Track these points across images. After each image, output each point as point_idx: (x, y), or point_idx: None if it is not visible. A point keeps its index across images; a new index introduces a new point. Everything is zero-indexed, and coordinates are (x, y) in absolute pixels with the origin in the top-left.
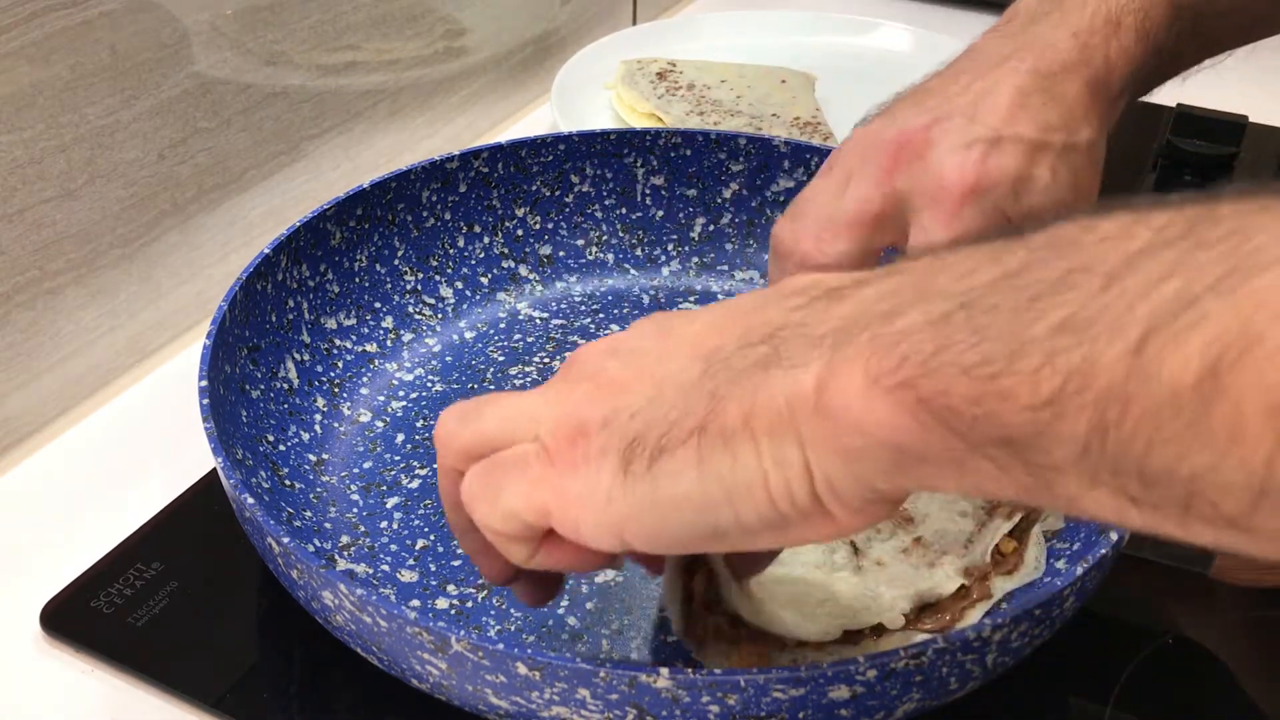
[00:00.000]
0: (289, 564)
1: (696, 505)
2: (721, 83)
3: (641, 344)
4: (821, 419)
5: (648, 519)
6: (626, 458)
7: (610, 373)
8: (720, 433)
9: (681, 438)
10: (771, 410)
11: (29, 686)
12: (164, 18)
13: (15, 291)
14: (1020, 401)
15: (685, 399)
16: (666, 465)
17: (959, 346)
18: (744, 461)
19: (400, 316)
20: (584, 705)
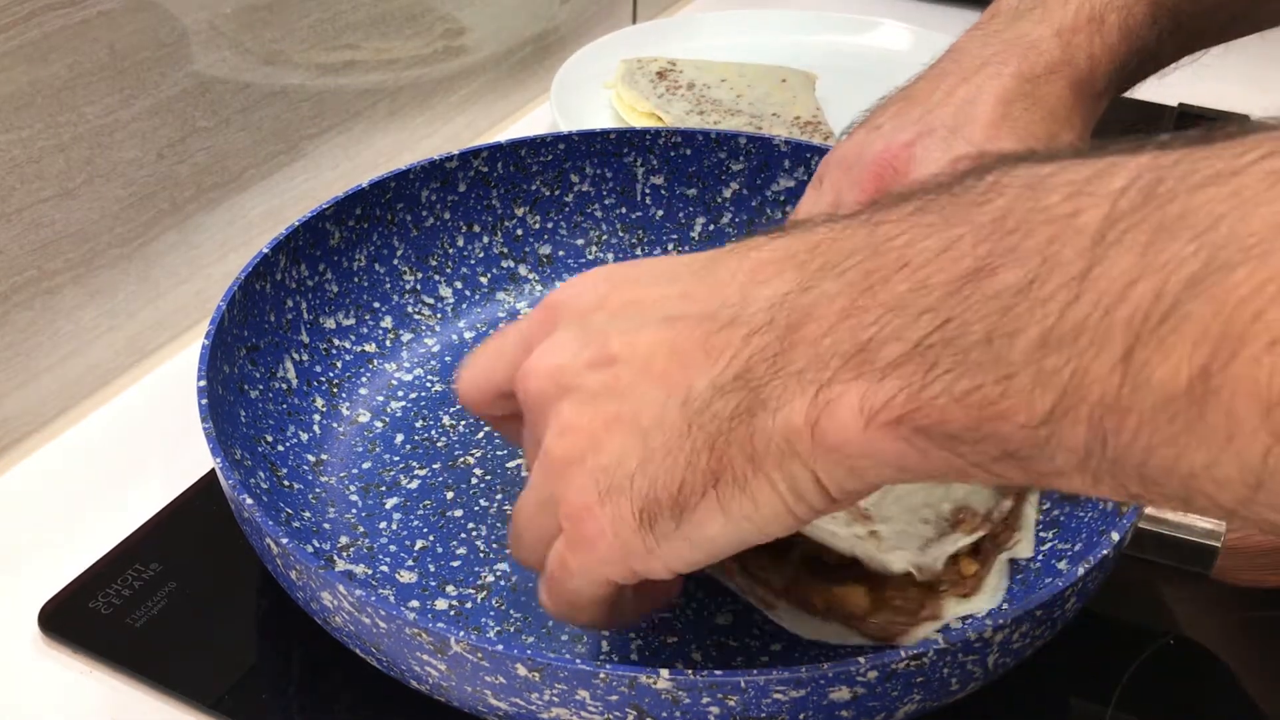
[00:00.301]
0: (288, 565)
1: (731, 540)
2: (721, 82)
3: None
4: (823, 450)
5: (688, 557)
6: (649, 518)
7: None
8: (733, 481)
9: (699, 492)
10: (773, 450)
11: (27, 687)
12: (162, 17)
13: (13, 291)
14: (1017, 421)
15: (682, 455)
16: (693, 518)
17: (947, 376)
18: (764, 499)
19: (399, 316)
20: (584, 706)
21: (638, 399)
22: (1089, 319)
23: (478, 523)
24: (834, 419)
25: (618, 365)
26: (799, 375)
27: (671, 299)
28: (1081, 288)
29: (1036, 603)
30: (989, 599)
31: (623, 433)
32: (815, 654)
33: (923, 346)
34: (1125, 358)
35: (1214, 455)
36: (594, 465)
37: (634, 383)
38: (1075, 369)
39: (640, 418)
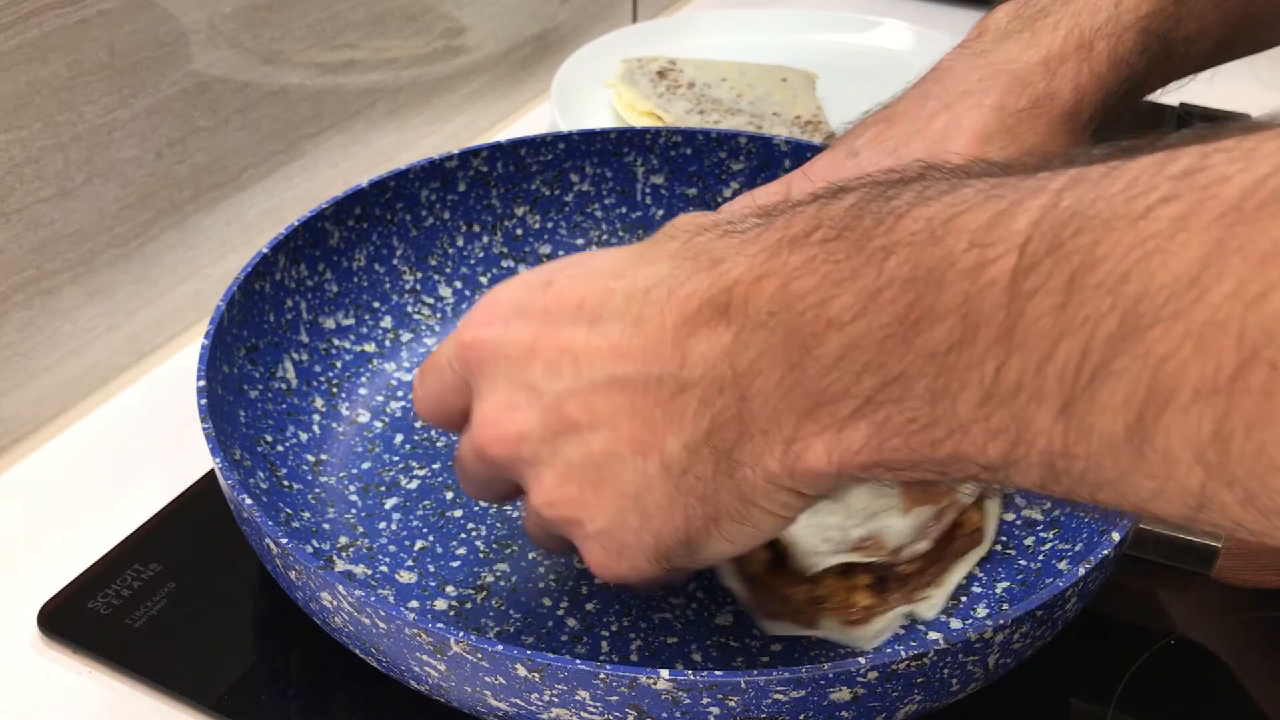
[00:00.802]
0: (287, 565)
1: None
2: (722, 81)
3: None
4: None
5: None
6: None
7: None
8: (731, 517)
9: (703, 532)
10: (760, 491)
11: (27, 687)
12: (162, 16)
13: (12, 291)
14: (976, 461)
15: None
16: (704, 548)
17: (904, 431)
18: (762, 522)
19: (399, 316)
20: (584, 707)
21: (618, 466)
22: (1023, 377)
23: (477, 523)
24: (806, 465)
25: (584, 431)
26: (764, 434)
27: (604, 354)
28: (1010, 346)
29: (1037, 603)
30: (868, 640)
31: (612, 497)
32: (815, 654)
33: (873, 403)
34: (1064, 410)
35: (1158, 486)
36: (595, 530)
37: (608, 449)
38: (1020, 422)
39: (624, 484)
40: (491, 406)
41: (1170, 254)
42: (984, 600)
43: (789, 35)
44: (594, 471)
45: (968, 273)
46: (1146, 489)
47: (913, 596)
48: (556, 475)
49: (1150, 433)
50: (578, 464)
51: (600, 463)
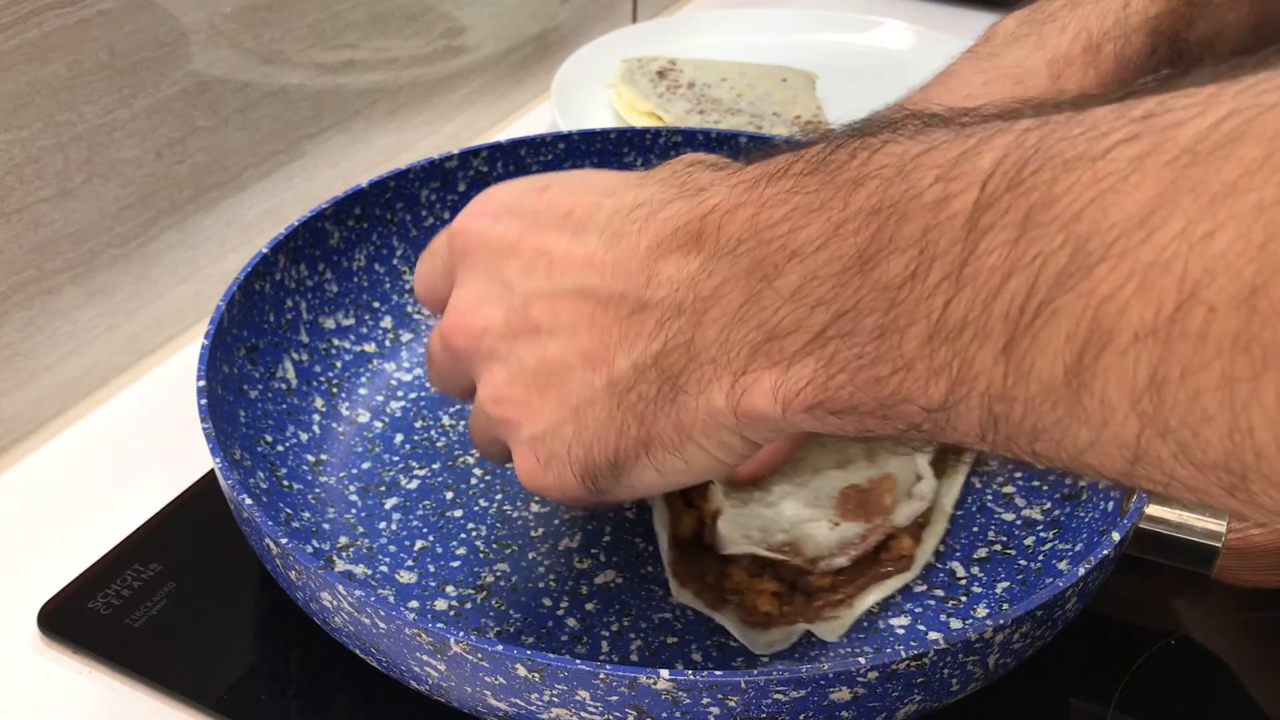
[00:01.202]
0: (287, 565)
1: (667, 485)
2: (722, 81)
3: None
4: (749, 422)
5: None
6: (589, 477)
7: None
8: (663, 446)
9: (632, 455)
10: (699, 424)
11: (26, 687)
12: (162, 16)
13: (12, 291)
14: (917, 405)
15: (613, 427)
16: (630, 474)
17: (850, 367)
18: (694, 458)
19: (399, 316)
20: (584, 707)
21: (566, 375)
22: (969, 314)
23: (477, 523)
24: (752, 402)
25: (542, 335)
26: (713, 363)
27: (578, 263)
28: (960, 281)
29: (1037, 603)
30: (760, 646)
31: (554, 404)
32: (815, 654)
33: (822, 338)
34: (1006, 350)
35: (1094, 435)
36: (531, 435)
37: (561, 357)
38: (962, 361)
39: (569, 394)
40: (464, 296)
41: (1124, 193)
42: (984, 600)
43: (789, 35)
44: (543, 376)
45: (930, 206)
46: (1084, 438)
47: (819, 613)
48: (508, 374)
49: (1088, 377)
50: (530, 366)
51: (550, 369)
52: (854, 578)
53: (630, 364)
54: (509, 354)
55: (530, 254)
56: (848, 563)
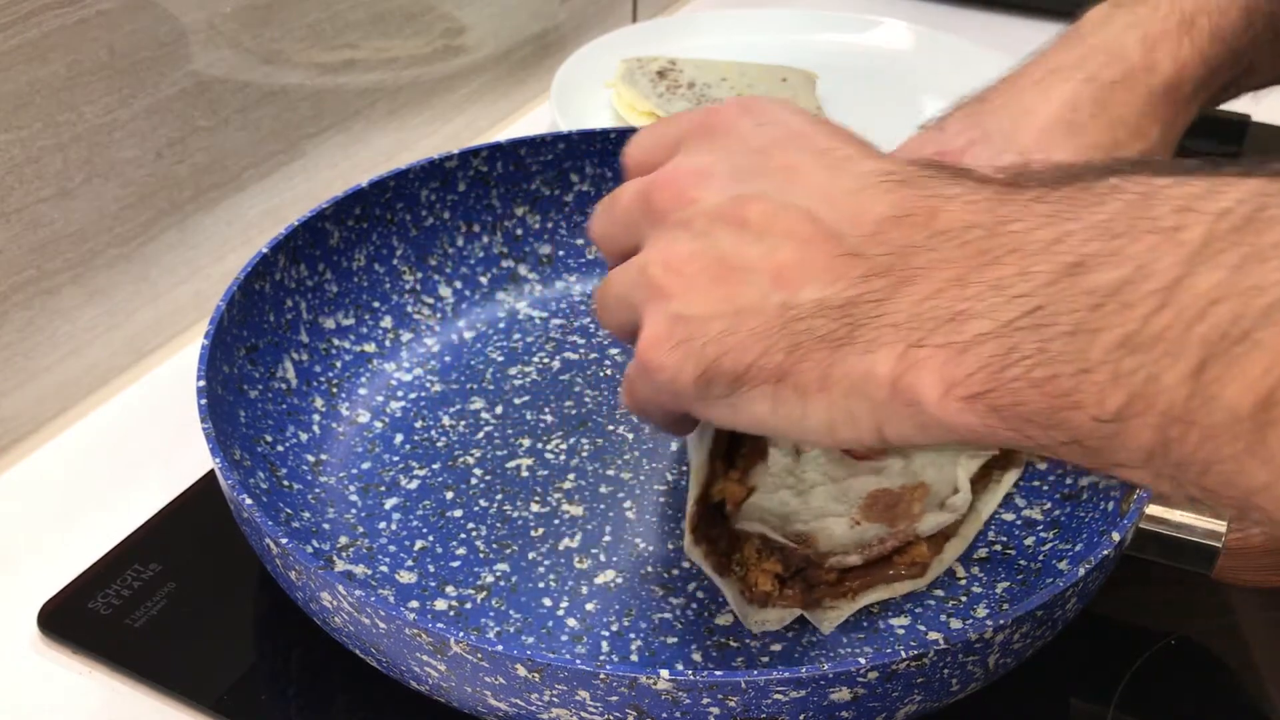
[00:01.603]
0: (287, 565)
1: (770, 428)
2: (722, 81)
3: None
4: (897, 404)
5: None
6: (706, 378)
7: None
8: (795, 387)
9: (759, 379)
10: (846, 382)
11: (26, 687)
12: (161, 16)
13: (12, 291)
14: (1088, 413)
15: (761, 344)
16: (744, 396)
17: (1028, 361)
18: (814, 412)
19: (399, 316)
20: (584, 707)
21: (747, 278)
22: (1169, 330)
23: (477, 523)
24: (917, 379)
25: (748, 233)
26: (895, 328)
27: (818, 192)
28: (1168, 298)
29: (1037, 603)
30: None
31: (719, 297)
32: (816, 654)
33: (1010, 327)
34: (1196, 373)
35: (1272, 478)
36: (678, 311)
37: (753, 261)
38: (1148, 375)
39: (740, 295)
40: (691, 162)
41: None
42: (984, 600)
43: (789, 35)
44: (725, 269)
45: (1163, 231)
46: (1259, 479)
47: (817, 603)
48: (693, 250)
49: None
50: (717, 254)
51: (736, 266)
52: (862, 575)
53: (817, 297)
54: (705, 232)
55: (778, 162)
56: (860, 562)
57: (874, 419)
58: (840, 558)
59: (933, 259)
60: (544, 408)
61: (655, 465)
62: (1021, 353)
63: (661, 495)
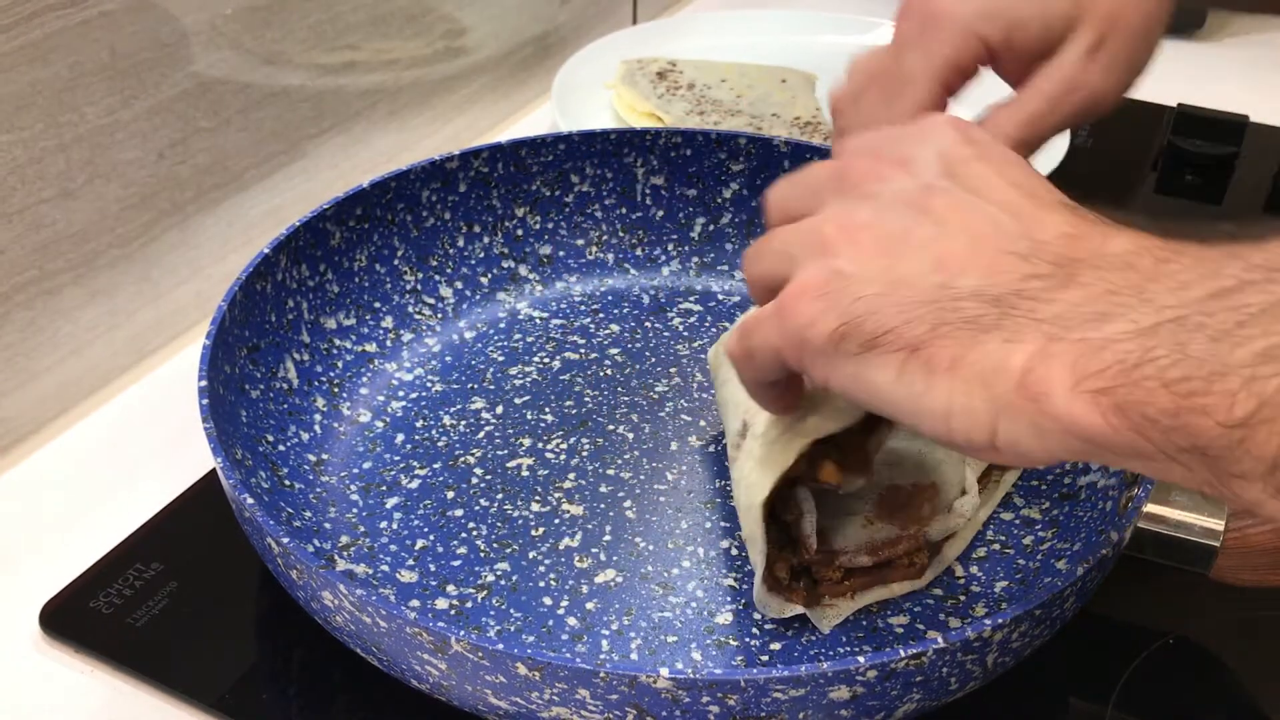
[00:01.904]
0: (288, 564)
1: (885, 400)
2: (722, 82)
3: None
4: (1021, 398)
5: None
6: (841, 335)
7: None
8: (925, 362)
9: (894, 346)
10: (978, 367)
11: (28, 687)
12: (163, 17)
13: (14, 291)
14: (1215, 418)
15: (909, 314)
16: (872, 359)
17: (1163, 360)
18: (935, 393)
19: (400, 316)
20: (584, 705)
21: (913, 255)
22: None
23: (478, 522)
24: (1046, 371)
25: (927, 216)
26: (1040, 323)
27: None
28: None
29: (1036, 602)
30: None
31: (880, 266)
32: (815, 653)
33: (1152, 331)
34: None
35: None
36: (839, 267)
37: (923, 241)
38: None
39: (902, 267)
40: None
41: None
42: (983, 599)
43: (789, 36)
44: (895, 243)
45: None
46: None
47: (818, 600)
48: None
49: None
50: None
51: (905, 242)
52: (862, 575)
53: (975, 285)
54: (887, 208)
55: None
56: (870, 564)
57: (992, 414)
58: (851, 557)
59: (1095, 274)
60: (544, 407)
61: (655, 465)
62: (1159, 353)
63: (661, 495)
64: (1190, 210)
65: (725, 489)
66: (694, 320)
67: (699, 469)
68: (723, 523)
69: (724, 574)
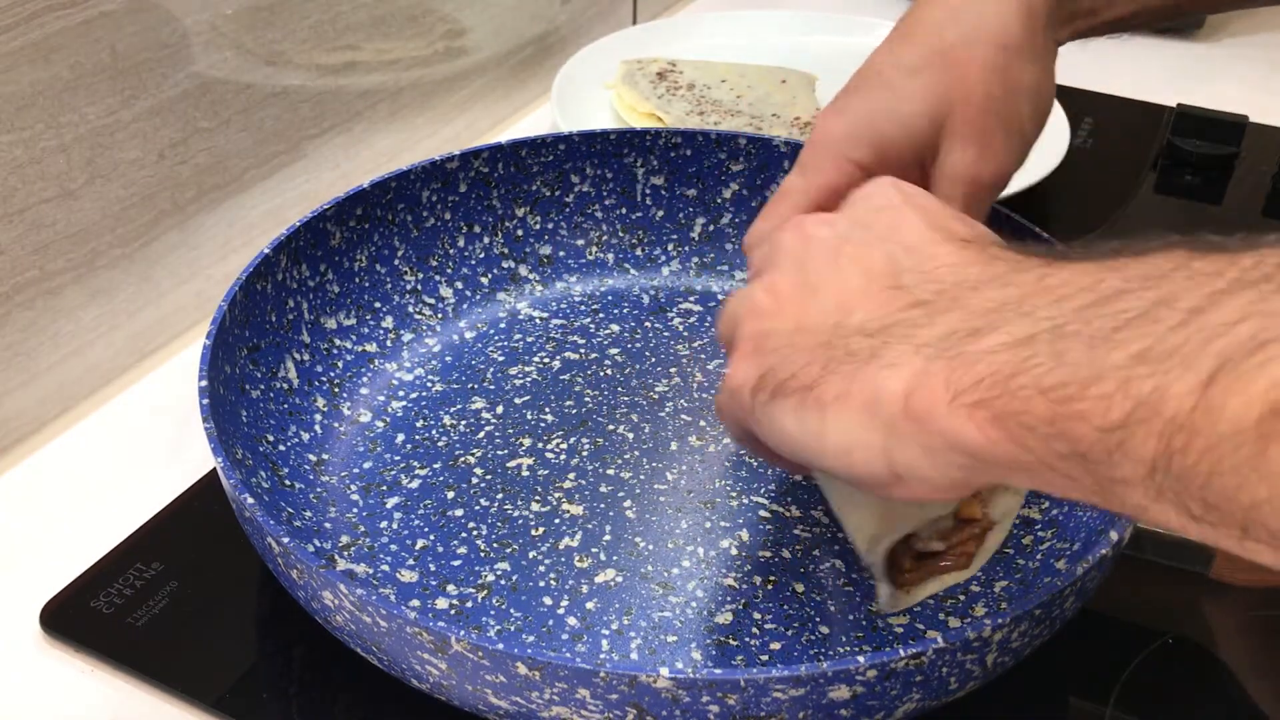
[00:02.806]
0: (289, 564)
1: (795, 444)
2: (722, 82)
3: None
4: (906, 420)
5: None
6: (759, 387)
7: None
8: (818, 400)
9: (794, 389)
10: (861, 398)
11: (29, 686)
12: (164, 18)
13: (15, 291)
14: (1092, 423)
15: (806, 356)
16: (779, 404)
17: (1039, 369)
18: (831, 429)
19: (400, 316)
20: (584, 705)
21: (819, 301)
22: (1186, 345)
23: (478, 522)
24: (925, 391)
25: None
26: (920, 347)
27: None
28: (1190, 319)
29: (1035, 602)
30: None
31: (792, 318)
32: (815, 653)
33: (1029, 341)
34: (1206, 384)
35: (1274, 491)
36: (764, 329)
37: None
38: (1157, 385)
39: (809, 314)
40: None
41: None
42: (982, 599)
43: (788, 37)
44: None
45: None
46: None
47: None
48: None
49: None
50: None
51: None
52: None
53: (862, 320)
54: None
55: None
56: (942, 548)
57: (884, 441)
58: (925, 542)
59: (976, 296)
60: (544, 407)
61: (655, 465)
62: (1035, 361)
63: (661, 495)
64: (1190, 210)
65: (725, 489)
66: (694, 320)
67: (699, 469)
68: (723, 523)
69: (724, 574)
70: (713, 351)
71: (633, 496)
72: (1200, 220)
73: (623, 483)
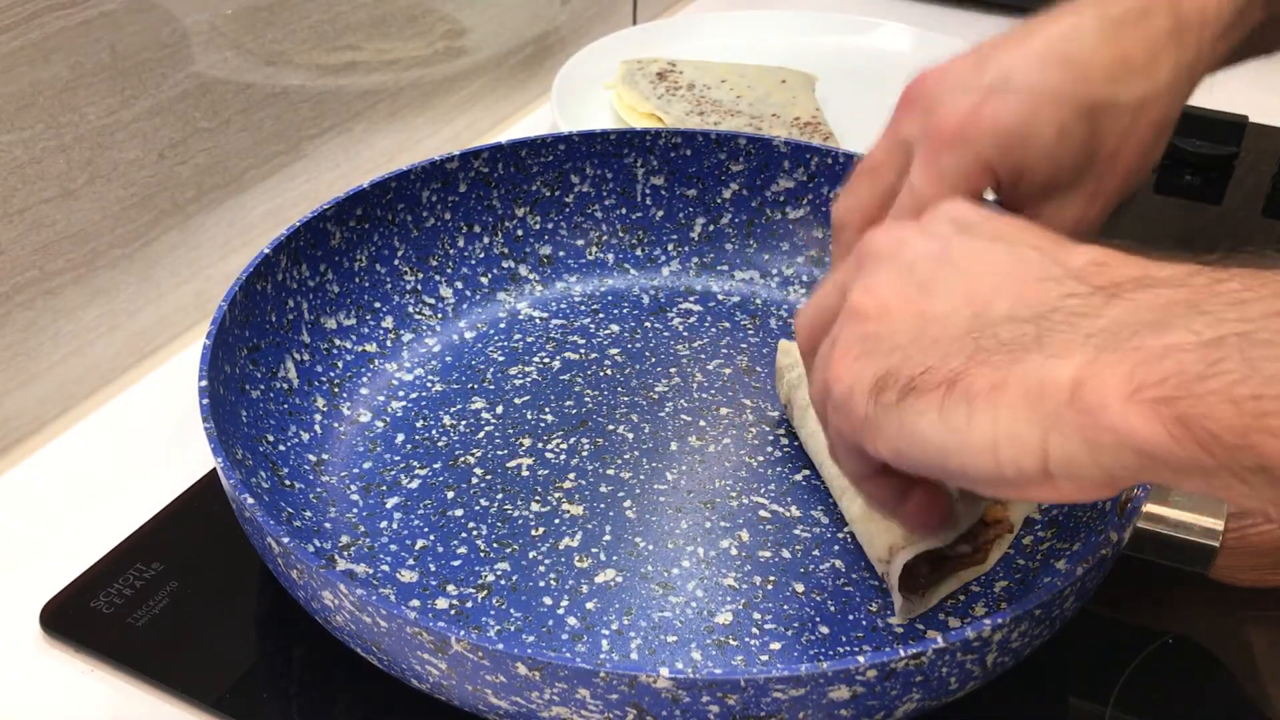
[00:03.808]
0: (289, 564)
1: (933, 448)
2: (721, 82)
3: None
4: (1074, 412)
5: (893, 441)
6: (879, 387)
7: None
8: (964, 392)
9: (931, 385)
10: (1022, 387)
11: (28, 686)
12: (164, 18)
13: (15, 291)
14: None
15: (943, 349)
16: (912, 405)
17: (1229, 376)
18: (978, 425)
19: (400, 316)
20: (584, 705)
21: (940, 297)
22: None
23: (478, 522)
24: (1100, 382)
25: (949, 264)
26: (1088, 337)
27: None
28: None
29: (1035, 602)
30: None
31: (909, 315)
32: (815, 653)
33: (1217, 343)
34: None
35: None
36: (870, 331)
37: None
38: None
39: (931, 309)
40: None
41: None
42: (982, 599)
43: (788, 37)
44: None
45: None
46: None
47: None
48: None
49: None
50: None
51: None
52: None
53: (1007, 312)
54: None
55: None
56: (970, 551)
57: (1041, 435)
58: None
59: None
60: (544, 407)
61: (655, 465)
62: (1226, 367)
63: (661, 495)
64: (1190, 210)
65: (725, 489)
66: (694, 320)
67: (699, 469)
68: (722, 523)
69: (724, 574)
70: (713, 351)
71: (633, 496)
72: (1200, 221)
73: (623, 483)
